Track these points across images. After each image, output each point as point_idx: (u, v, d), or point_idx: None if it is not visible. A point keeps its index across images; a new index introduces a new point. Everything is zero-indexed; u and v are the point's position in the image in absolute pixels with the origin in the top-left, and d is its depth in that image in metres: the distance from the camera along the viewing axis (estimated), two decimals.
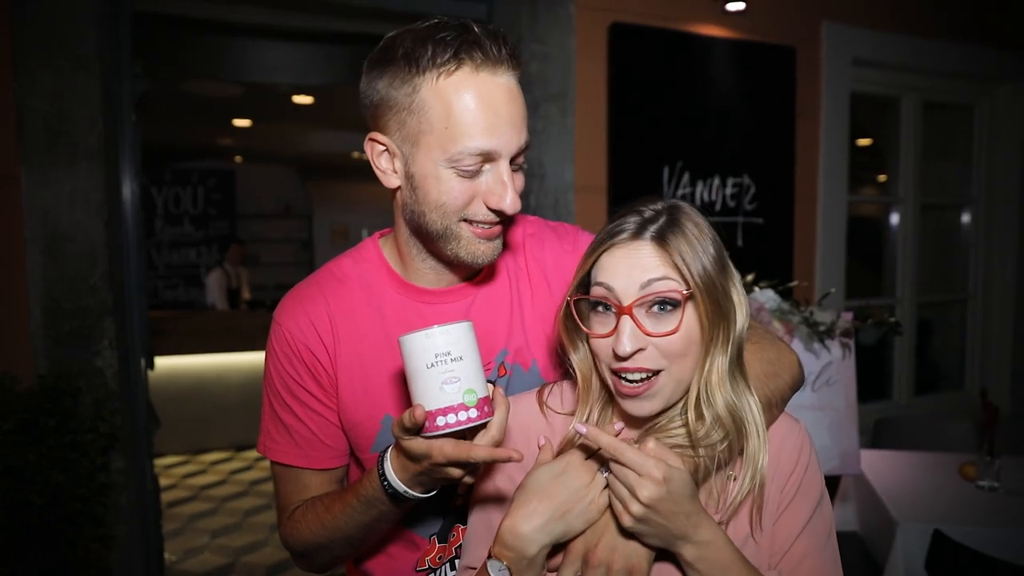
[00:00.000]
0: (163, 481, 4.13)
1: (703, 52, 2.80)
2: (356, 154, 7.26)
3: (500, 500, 0.92)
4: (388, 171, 0.94)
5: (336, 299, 1.02)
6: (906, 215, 3.48)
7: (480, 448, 0.79)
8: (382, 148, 0.93)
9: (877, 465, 2.49)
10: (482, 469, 0.91)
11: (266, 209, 8.53)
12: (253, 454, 5.15)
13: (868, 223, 3.72)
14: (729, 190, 2.88)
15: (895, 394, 3.51)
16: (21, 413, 1.82)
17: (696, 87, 2.81)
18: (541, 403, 0.95)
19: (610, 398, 0.90)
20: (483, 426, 0.80)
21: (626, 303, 0.81)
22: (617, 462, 0.78)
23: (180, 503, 4.22)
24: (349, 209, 8.71)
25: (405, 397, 0.99)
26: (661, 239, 0.81)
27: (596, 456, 0.84)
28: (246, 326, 5.29)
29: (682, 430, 0.85)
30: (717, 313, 0.82)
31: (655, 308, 0.82)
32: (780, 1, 2.93)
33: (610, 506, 0.81)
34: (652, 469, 0.76)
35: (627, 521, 0.78)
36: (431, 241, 0.95)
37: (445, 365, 0.76)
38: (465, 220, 0.91)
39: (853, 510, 2.50)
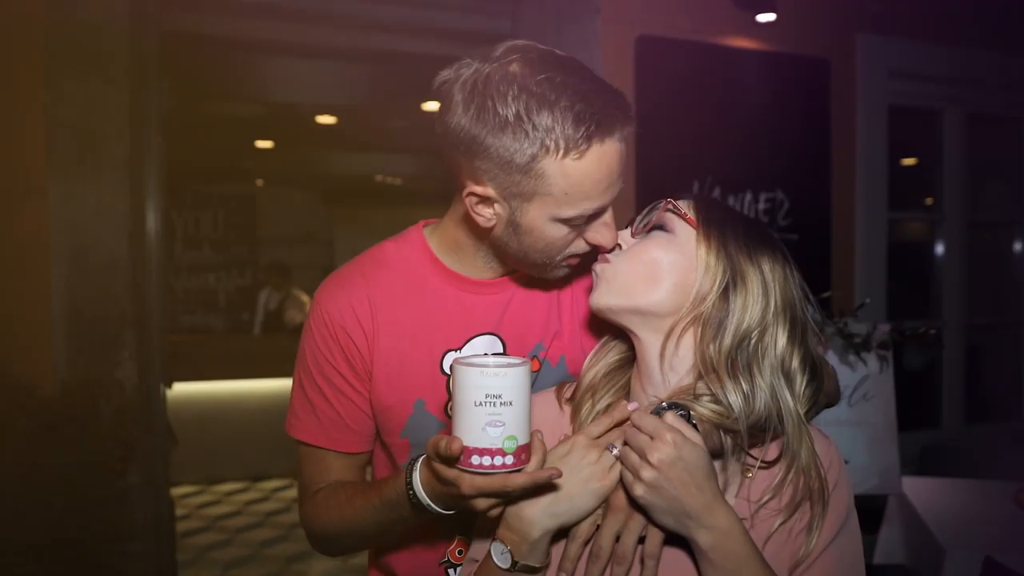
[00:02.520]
0: (177, 511, 4.06)
1: (733, 65, 2.75)
2: (379, 177, 7.29)
3: None
4: (486, 216, 0.92)
5: (377, 283, 1.03)
6: (952, 234, 3.34)
7: (518, 477, 0.77)
8: (479, 199, 0.90)
9: (924, 492, 2.38)
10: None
11: (287, 234, 8.57)
12: (270, 485, 5.06)
13: (916, 248, 3.59)
14: (762, 205, 2.82)
15: (944, 422, 3.33)
16: (43, 417, 1.88)
17: (726, 100, 2.75)
18: (560, 398, 0.96)
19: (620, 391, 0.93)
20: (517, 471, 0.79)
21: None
22: (635, 427, 0.79)
23: (194, 533, 4.13)
24: (372, 234, 8.45)
25: (440, 384, 1.02)
26: (707, 225, 0.86)
27: (604, 438, 0.84)
28: (264, 351, 5.24)
29: (709, 405, 0.82)
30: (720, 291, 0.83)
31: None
32: (813, 12, 2.87)
33: (621, 481, 0.80)
34: (665, 432, 0.76)
35: (638, 490, 0.77)
36: (517, 263, 0.98)
37: (493, 407, 0.75)
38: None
39: (899, 540, 2.39)
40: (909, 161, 3.61)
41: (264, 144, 6.25)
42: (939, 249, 3.37)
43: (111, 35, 2.07)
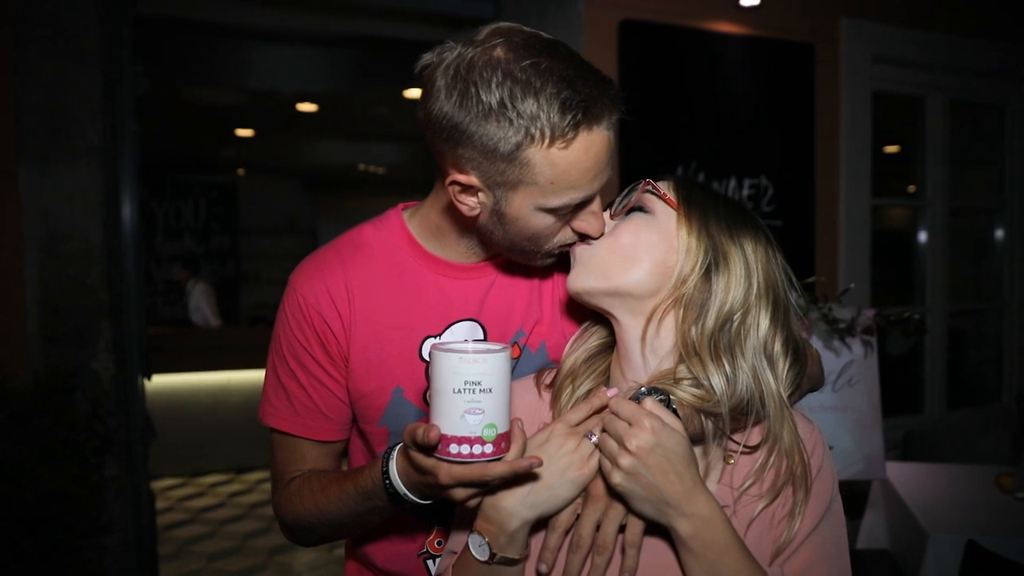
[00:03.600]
0: (159, 503, 4.02)
1: (717, 49, 2.73)
2: (362, 166, 7.19)
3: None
4: (469, 205, 0.88)
5: (355, 268, 1.00)
6: (934, 220, 3.35)
7: (497, 465, 0.75)
8: (462, 187, 0.87)
9: (908, 477, 2.40)
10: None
11: (269, 224, 8.44)
12: (253, 476, 5.01)
13: (899, 235, 3.60)
14: (746, 191, 2.81)
15: (927, 407, 3.35)
16: (15, 408, 1.83)
17: (710, 85, 2.74)
18: (539, 385, 0.94)
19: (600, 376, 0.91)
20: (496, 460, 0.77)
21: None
22: (612, 413, 0.77)
23: (177, 526, 4.08)
24: (356, 223, 8.57)
25: (419, 371, 1.00)
26: (688, 203, 0.84)
27: (583, 425, 0.82)
28: (247, 343, 5.18)
29: (690, 389, 0.80)
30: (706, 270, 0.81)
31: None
32: None
33: (600, 470, 0.78)
34: (643, 418, 0.74)
35: (616, 478, 0.75)
36: (504, 251, 0.96)
37: (472, 394, 0.73)
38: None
39: (883, 526, 2.41)
40: (892, 148, 3.61)
41: (245, 132, 6.15)
42: (922, 235, 3.38)
43: (83, 16, 2.01)
